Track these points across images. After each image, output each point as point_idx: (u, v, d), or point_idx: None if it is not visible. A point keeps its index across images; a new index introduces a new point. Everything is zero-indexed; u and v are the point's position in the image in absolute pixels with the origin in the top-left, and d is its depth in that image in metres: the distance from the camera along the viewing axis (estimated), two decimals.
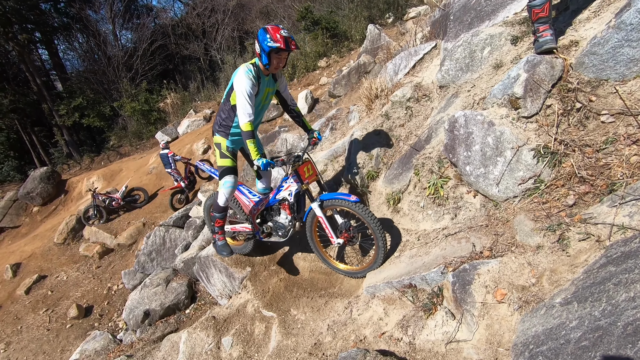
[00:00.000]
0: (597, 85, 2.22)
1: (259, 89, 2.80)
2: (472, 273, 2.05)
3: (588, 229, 1.85)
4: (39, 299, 7.53)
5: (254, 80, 2.69)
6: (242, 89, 2.65)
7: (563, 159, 2.19)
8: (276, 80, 3.01)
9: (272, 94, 3.05)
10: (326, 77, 10.76)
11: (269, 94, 2.99)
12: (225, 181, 3.03)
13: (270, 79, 2.92)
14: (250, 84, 2.66)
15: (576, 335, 1.26)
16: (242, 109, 2.67)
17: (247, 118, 2.65)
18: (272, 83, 2.97)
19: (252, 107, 2.67)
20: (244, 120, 2.66)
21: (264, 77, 2.83)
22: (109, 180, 11.65)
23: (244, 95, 2.65)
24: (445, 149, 2.84)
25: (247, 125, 2.65)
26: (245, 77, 2.66)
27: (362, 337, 2.58)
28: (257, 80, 2.74)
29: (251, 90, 2.67)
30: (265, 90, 2.91)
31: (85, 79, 17.05)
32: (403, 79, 4.41)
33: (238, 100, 2.68)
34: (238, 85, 2.68)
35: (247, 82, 2.65)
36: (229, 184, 3.03)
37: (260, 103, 2.96)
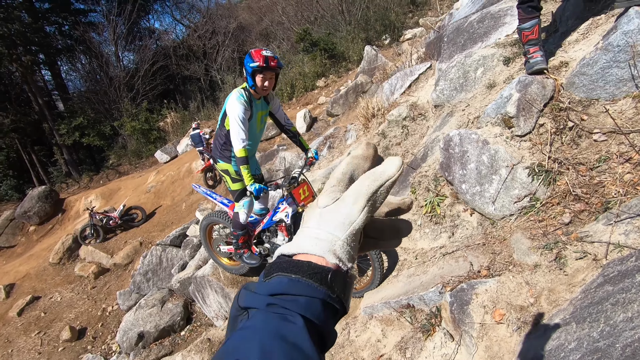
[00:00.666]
0: (588, 105, 2.26)
1: (252, 112, 2.83)
2: (470, 293, 2.03)
3: (585, 248, 1.84)
4: (31, 320, 7.36)
5: (245, 105, 2.72)
6: (235, 114, 2.68)
7: (557, 177, 2.20)
8: (268, 103, 3.05)
9: (266, 116, 3.08)
10: (324, 96, 10.92)
11: (262, 117, 3.03)
12: (244, 202, 3.11)
13: (262, 102, 2.95)
14: (243, 109, 2.69)
15: (575, 357, 1.24)
16: (235, 135, 2.69)
17: (241, 144, 2.67)
18: (265, 106, 3.01)
19: (246, 132, 2.69)
20: (238, 146, 2.68)
21: (256, 100, 2.86)
22: (107, 199, 11.62)
23: (237, 120, 2.67)
24: (441, 168, 2.85)
25: (242, 151, 2.67)
26: (237, 102, 2.69)
27: (360, 359, 2.52)
28: (249, 105, 2.77)
29: (244, 115, 2.69)
30: (258, 114, 2.94)
31: (87, 98, 17.27)
32: (399, 99, 4.48)
33: (231, 126, 2.71)
34: (230, 111, 2.71)
35: (239, 107, 2.68)
36: (247, 204, 3.11)
37: (256, 127, 2.99)
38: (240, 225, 3.17)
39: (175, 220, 9.02)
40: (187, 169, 10.84)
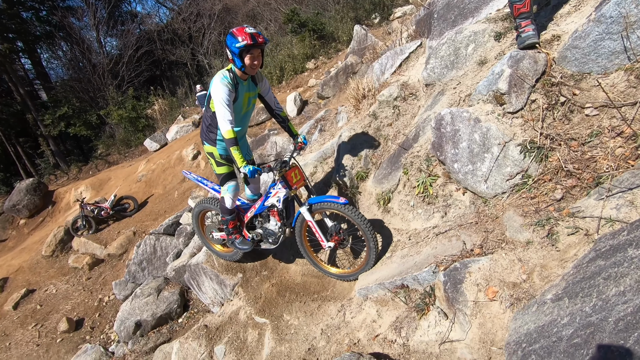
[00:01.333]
0: (580, 79, 2.23)
1: (237, 94, 2.75)
2: (463, 271, 2.03)
3: (576, 223, 1.84)
4: (27, 313, 7.34)
5: (229, 86, 2.64)
6: (219, 97, 2.60)
7: (549, 153, 2.19)
8: (257, 84, 2.95)
9: (254, 98, 2.99)
10: (314, 78, 10.75)
11: (250, 99, 2.93)
12: (229, 186, 3.07)
13: (249, 83, 2.85)
14: (227, 91, 2.61)
15: (568, 332, 1.24)
16: (221, 117, 2.62)
17: (228, 125, 2.60)
18: (253, 87, 2.91)
19: (231, 112, 2.62)
20: (225, 127, 2.60)
21: (242, 82, 2.77)
22: (98, 190, 11.45)
23: (222, 102, 2.60)
24: (433, 147, 2.83)
25: (229, 132, 2.60)
26: (220, 85, 2.61)
27: (356, 340, 2.55)
28: (234, 87, 2.69)
29: (228, 97, 2.62)
30: (245, 96, 2.84)
31: (70, 87, 16.77)
32: (390, 79, 4.40)
33: (216, 108, 2.64)
34: (214, 94, 2.64)
35: (223, 89, 2.60)
36: (232, 188, 3.08)
37: (242, 109, 2.90)
38: (228, 210, 3.14)
39: (168, 209, 8.95)
40: (178, 157, 10.68)
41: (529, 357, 1.32)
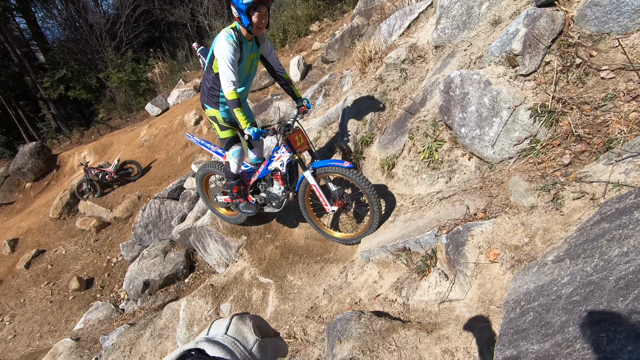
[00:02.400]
0: (598, 40, 2.13)
1: (242, 55, 2.65)
2: (466, 235, 2.06)
3: (583, 188, 1.83)
4: (39, 272, 7.61)
5: (235, 45, 2.54)
6: (224, 55, 2.51)
7: (560, 118, 2.14)
8: (259, 45, 2.85)
9: (256, 60, 2.90)
10: (319, 42, 10.37)
11: (253, 61, 2.85)
12: (234, 151, 3.03)
13: (253, 44, 2.75)
14: (232, 50, 2.51)
15: (567, 290, 1.27)
16: (224, 77, 2.54)
17: (231, 86, 2.53)
18: (256, 48, 2.81)
19: (235, 74, 2.54)
20: (228, 88, 2.53)
21: (247, 42, 2.67)
22: (101, 154, 11.46)
23: (226, 62, 2.51)
24: (441, 111, 2.77)
25: (232, 93, 2.53)
26: (226, 43, 2.50)
27: (358, 299, 2.63)
28: (240, 46, 2.59)
29: (233, 56, 2.52)
30: (249, 57, 2.76)
31: (68, 48, 16.29)
32: (397, 40, 4.23)
33: (220, 68, 2.55)
34: (219, 52, 2.54)
35: (228, 48, 2.50)
36: (237, 153, 3.04)
37: (246, 71, 2.82)
38: (233, 175, 3.14)
39: (172, 174, 8.99)
40: (180, 122, 10.58)
41: (527, 313, 1.36)
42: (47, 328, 6.16)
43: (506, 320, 1.45)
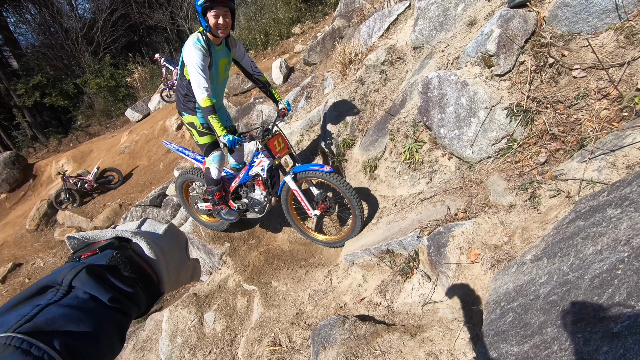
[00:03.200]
0: (569, 39, 2.17)
1: (212, 60, 2.59)
2: (447, 235, 2.06)
3: (558, 186, 1.86)
4: (16, 287, 7.32)
5: (203, 50, 2.48)
6: (193, 61, 2.44)
7: (535, 117, 2.17)
8: (230, 49, 2.80)
9: (229, 64, 2.85)
10: (301, 44, 10.35)
11: (225, 66, 2.79)
12: (214, 157, 2.96)
13: (223, 48, 2.70)
14: (200, 55, 2.45)
15: (545, 290, 1.27)
16: (196, 84, 2.47)
17: (204, 93, 2.46)
18: (227, 52, 2.76)
19: (207, 79, 2.48)
20: (201, 95, 2.46)
21: (215, 46, 2.61)
22: (80, 162, 11.15)
23: (196, 68, 2.44)
24: (420, 112, 2.78)
25: (205, 100, 2.46)
26: (193, 49, 2.44)
27: (343, 303, 2.61)
28: (208, 51, 2.53)
29: (202, 62, 2.46)
30: (220, 62, 2.70)
31: (43, 54, 15.81)
32: (377, 42, 4.25)
33: (190, 75, 2.48)
34: (188, 59, 2.47)
35: (196, 54, 2.44)
36: (217, 158, 2.97)
37: (218, 76, 2.76)
38: (214, 181, 3.07)
39: (154, 181, 8.81)
40: (162, 127, 10.38)
41: (506, 314, 1.36)
42: None
43: (487, 322, 1.44)
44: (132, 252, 0.52)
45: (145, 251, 0.53)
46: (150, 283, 0.52)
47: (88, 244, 0.52)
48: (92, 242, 0.52)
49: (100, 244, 0.51)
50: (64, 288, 0.42)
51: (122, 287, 0.46)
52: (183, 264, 0.61)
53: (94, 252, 0.49)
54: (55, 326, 0.37)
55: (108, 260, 0.47)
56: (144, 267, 0.52)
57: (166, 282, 0.55)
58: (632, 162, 1.61)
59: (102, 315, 0.42)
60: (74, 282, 0.42)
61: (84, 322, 0.40)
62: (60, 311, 0.39)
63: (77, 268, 0.44)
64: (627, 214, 1.20)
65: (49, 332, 0.36)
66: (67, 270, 0.44)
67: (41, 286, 0.42)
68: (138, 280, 0.49)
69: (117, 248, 0.51)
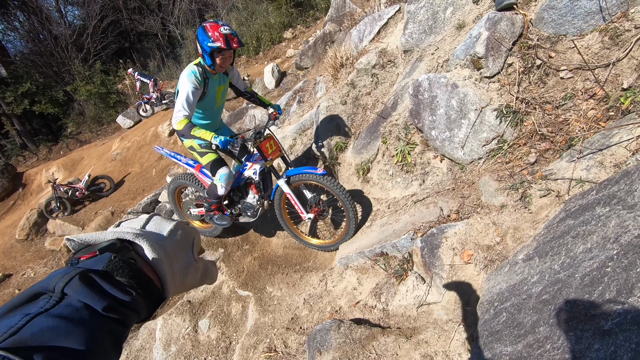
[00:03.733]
0: (556, 41, 2.20)
1: (208, 89, 2.67)
2: (440, 237, 2.06)
3: (549, 185, 1.88)
4: (5, 298, 7.17)
5: (196, 83, 2.54)
6: (183, 91, 2.53)
7: (524, 118, 2.20)
8: (227, 74, 2.89)
9: (226, 90, 2.94)
10: (293, 49, 10.39)
11: (223, 92, 2.88)
12: (221, 175, 2.94)
13: (220, 76, 2.78)
14: (192, 88, 2.52)
15: (537, 289, 1.28)
16: (177, 109, 2.56)
17: (180, 117, 2.54)
18: (224, 79, 2.85)
19: (189, 110, 2.55)
20: (178, 117, 2.55)
21: (212, 76, 2.68)
22: (71, 170, 11.01)
23: (183, 97, 2.52)
24: (411, 115, 2.79)
25: (180, 123, 2.54)
26: (187, 81, 2.52)
27: (338, 307, 2.60)
28: (203, 82, 2.60)
29: (192, 95, 2.53)
30: (217, 90, 2.79)
31: (32, 61, 15.65)
32: (368, 46, 4.28)
33: (177, 100, 2.56)
34: (180, 88, 2.56)
35: (188, 86, 2.51)
36: (225, 176, 2.95)
37: (215, 102, 2.85)
38: (217, 196, 3.07)
39: (147, 187, 8.72)
40: (154, 134, 10.30)
41: (500, 314, 1.36)
42: None
43: (481, 322, 1.45)
44: (135, 254, 0.50)
45: (147, 253, 0.51)
46: (152, 288, 0.49)
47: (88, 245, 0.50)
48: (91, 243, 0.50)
49: (101, 245, 0.49)
50: (57, 296, 0.40)
51: (118, 294, 0.44)
52: (190, 265, 0.59)
53: (94, 253, 0.47)
54: (41, 340, 0.36)
55: (105, 265, 0.45)
56: (144, 272, 0.49)
57: (170, 286, 0.53)
58: (619, 161, 1.63)
59: (96, 326, 0.40)
60: (66, 289, 0.41)
61: (74, 334, 0.38)
62: (49, 322, 0.37)
63: (70, 274, 0.42)
64: (616, 212, 1.22)
65: (34, 347, 0.35)
66: (60, 276, 0.43)
67: (33, 293, 0.41)
68: (137, 286, 0.47)
69: (118, 250, 0.49)
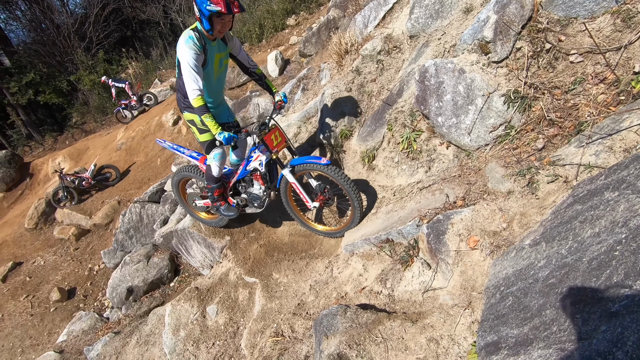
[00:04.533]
0: (566, 24, 2.16)
1: (207, 57, 2.55)
2: (446, 223, 2.07)
3: (556, 171, 1.87)
4: (17, 285, 7.34)
5: (196, 48, 2.43)
6: (185, 60, 2.41)
7: (533, 103, 2.17)
8: (227, 43, 2.75)
9: (225, 59, 2.80)
10: (296, 36, 10.26)
11: (221, 60, 2.74)
12: (215, 154, 2.93)
13: (219, 43, 2.65)
14: (193, 54, 2.41)
15: (544, 273, 1.29)
16: (188, 83, 2.43)
17: (196, 93, 2.43)
18: (223, 47, 2.71)
19: (199, 79, 2.44)
20: (193, 95, 2.43)
21: (210, 42, 2.56)
22: (76, 160, 11.10)
23: (188, 67, 2.41)
24: (417, 101, 2.77)
25: (197, 100, 2.43)
26: (186, 47, 2.40)
27: (344, 293, 2.63)
28: (202, 48, 2.49)
29: (195, 60, 2.42)
30: (216, 57, 2.65)
31: (35, 51, 15.61)
32: (373, 32, 4.21)
33: (183, 74, 2.44)
34: (181, 57, 2.44)
35: (189, 53, 2.40)
36: (218, 155, 2.94)
37: (214, 73, 2.72)
38: (214, 179, 3.06)
39: (152, 177, 8.78)
40: (158, 123, 10.31)
41: (506, 298, 1.37)
42: (28, 342, 5.95)
43: (487, 306, 1.46)
44: None
45: None
46: None
47: None
48: None
49: None
50: None
51: None
52: None
53: None
54: None
55: None
56: None
57: None
58: (629, 146, 1.61)
59: None
60: None
61: None
62: None
63: None
64: (625, 196, 1.21)
65: None
66: None
67: None
68: None
69: None
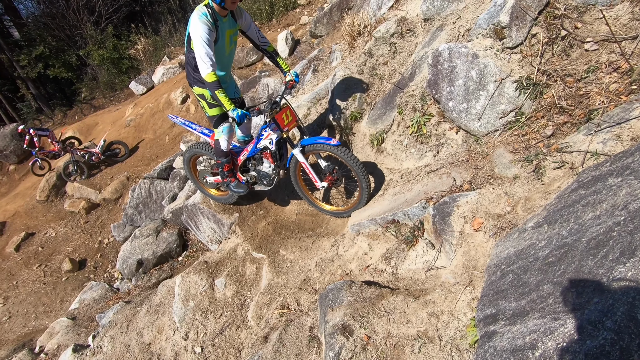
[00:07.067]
0: (584, 11, 2.15)
1: (218, 33, 2.59)
2: (452, 205, 2.13)
3: (563, 158, 1.90)
4: (30, 255, 7.59)
5: (209, 24, 2.47)
6: (199, 35, 2.45)
7: (545, 90, 2.19)
8: (236, 20, 2.78)
9: (235, 35, 2.83)
10: (307, 15, 10.11)
11: (231, 37, 2.78)
12: (223, 128, 3.00)
13: (229, 19, 2.68)
14: (207, 29, 2.45)
15: (544, 253, 1.35)
16: (201, 59, 2.48)
17: (209, 68, 2.47)
18: (233, 23, 2.74)
19: (212, 54, 2.49)
20: (206, 70, 2.48)
21: (222, 18, 2.59)
22: (86, 135, 11.21)
23: (202, 42, 2.45)
24: (429, 85, 2.78)
25: (210, 75, 2.48)
26: (199, 23, 2.44)
27: (348, 271, 2.73)
28: (214, 24, 2.52)
29: (209, 36, 2.46)
30: (227, 33, 2.69)
31: (44, 24, 15.55)
32: (387, 14, 4.17)
33: (196, 50, 2.49)
34: (194, 33, 2.48)
35: (202, 28, 2.44)
36: (227, 129, 3.01)
37: (225, 49, 2.76)
38: (223, 153, 3.13)
39: (160, 154, 8.89)
40: (166, 100, 10.34)
41: (506, 276, 1.45)
42: (42, 309, 6.21)
43: (487, 283, 1.54)
44: None
45: None
46: None
47: None
48: None
49: None
50: None
51: None
52: None
53: None
54: None
55: None
56: None
57: None
58: (637, 134, 1.64)
59: None
60: None
61: None
62: None
63: None
64: (627, 181, 1.26)
65: None
66: None
67: None
68: None
69: None
